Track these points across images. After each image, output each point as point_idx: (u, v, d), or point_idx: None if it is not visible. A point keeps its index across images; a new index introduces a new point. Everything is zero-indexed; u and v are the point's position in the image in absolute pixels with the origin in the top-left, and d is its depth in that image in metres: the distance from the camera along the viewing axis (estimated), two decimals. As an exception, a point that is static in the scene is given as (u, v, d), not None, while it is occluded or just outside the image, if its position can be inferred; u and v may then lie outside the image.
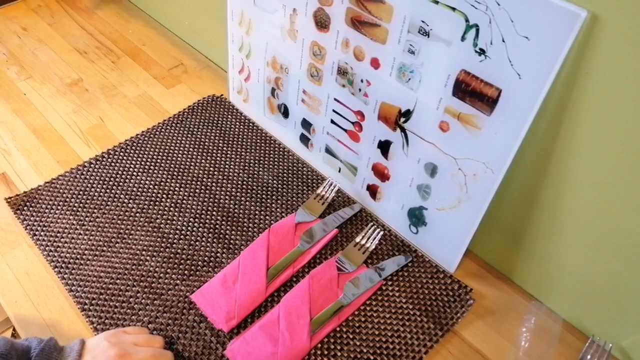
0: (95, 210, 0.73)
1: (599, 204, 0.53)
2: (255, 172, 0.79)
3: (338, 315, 0.62)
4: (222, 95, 0.92)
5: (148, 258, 0.68)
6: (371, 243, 0.69)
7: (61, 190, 0.75)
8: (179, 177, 0.78)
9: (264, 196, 0.76)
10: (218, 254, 0.69)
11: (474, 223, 0.61)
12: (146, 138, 0.83)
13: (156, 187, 0.76)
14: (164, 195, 0.75)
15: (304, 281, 0.64)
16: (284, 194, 0.76)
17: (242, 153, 0.82)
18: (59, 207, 0.73)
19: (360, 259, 0.68)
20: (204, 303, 0.63)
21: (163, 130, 0.85)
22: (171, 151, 0.82)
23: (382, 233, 0.71)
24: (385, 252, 0.69)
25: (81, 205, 0.73)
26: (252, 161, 0.81)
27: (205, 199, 0.75)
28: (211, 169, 0.79)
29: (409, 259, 0.68)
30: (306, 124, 0.78)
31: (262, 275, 0.65)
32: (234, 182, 0.77)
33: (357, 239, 0.70)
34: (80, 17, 1.12)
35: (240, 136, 0.84)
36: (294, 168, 0.80)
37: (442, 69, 0.55)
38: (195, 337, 0.60)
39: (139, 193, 0.75)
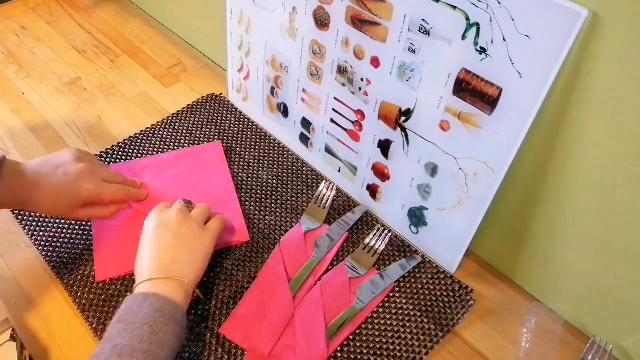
0: (94, 210, 0.72)
1: (600, 204, 0.53)
2: (255, 171, 0.79)
3: (353, 320, 0.61)
4: (221, 94, 0.91)
5: (147, 258, 0.67)
6: (380, 245, 0.69)
7: (60, 190, 0.75)
8: (178, 176, 0.77)
9: (263, 196, 0.75)
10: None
11: (475, 223, 0.61)
12: (145, 137, 0.83)
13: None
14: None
15: (316, 288, 0.64)
16: (284, 193, 0.76)
17: (242, 152, 0.81)
18: (57, 207, 0.73)
19: (370, 262, 0.67)
20: (235, 334, 0.60)
21: (162, 129, 0.84)
22: (170, 150, 0.81)
23: (390, 235, 0.70)
24: (386, 253, 0.69)
25: (80, 205, 0.73)
26: (251, 160, 0.80)
27: (205, 199, 0.75)
28: (210, 168, 0.79)
29: (418, 260, 0.68)
30: (306, 123, 0.78)
31: (286, 289, 0.63)
32: (233, 181, 0.77)
33: (366, 241, 0.69)
34: (79, 15, 1.11)
35: (239, 135, 0.84)
36: (294, 168, 0.80)
37: (443, 68, 0.55)
38: (195, 337, 0.60)
39: (138, 193, 0.75)
